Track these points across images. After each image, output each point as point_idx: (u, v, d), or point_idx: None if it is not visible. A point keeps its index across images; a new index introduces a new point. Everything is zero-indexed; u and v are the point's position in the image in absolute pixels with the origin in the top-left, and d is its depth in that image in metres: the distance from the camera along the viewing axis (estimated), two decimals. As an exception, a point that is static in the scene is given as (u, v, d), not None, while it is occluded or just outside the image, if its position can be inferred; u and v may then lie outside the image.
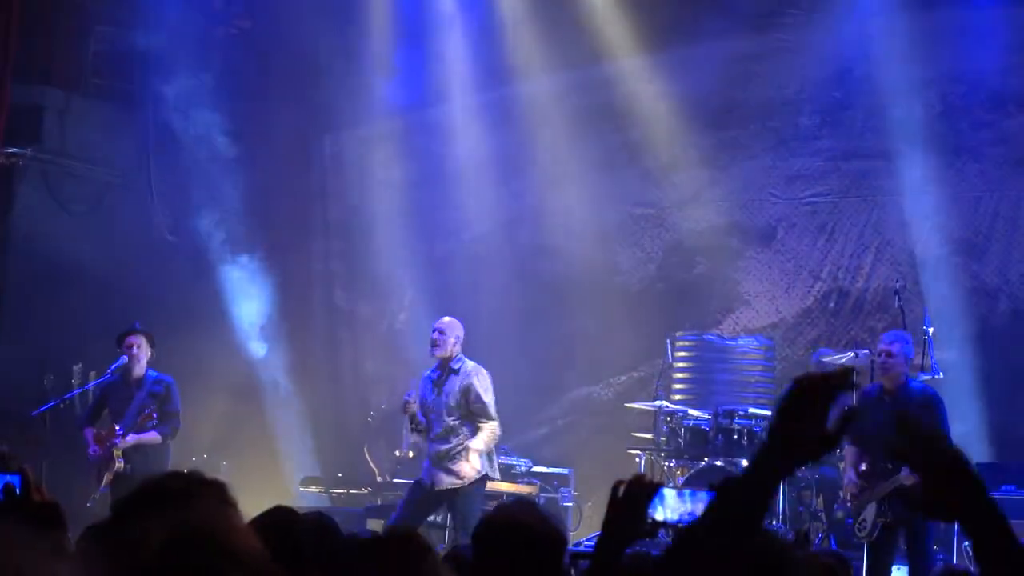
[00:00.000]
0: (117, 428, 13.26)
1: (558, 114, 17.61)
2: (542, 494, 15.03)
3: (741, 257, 17.06)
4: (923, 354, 13.47)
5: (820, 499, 12.42)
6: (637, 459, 14.57)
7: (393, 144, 18.34)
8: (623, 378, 17.29)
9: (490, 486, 14.74)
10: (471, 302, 17.54)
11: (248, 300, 17.52)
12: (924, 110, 16.28)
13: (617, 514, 4.26)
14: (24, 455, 12.59)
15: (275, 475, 16.95)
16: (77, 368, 15.60)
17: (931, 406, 11.49)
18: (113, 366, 13.68)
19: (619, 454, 15.60)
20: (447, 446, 12.47)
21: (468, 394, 12.51)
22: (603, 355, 17.34)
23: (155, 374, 13.61)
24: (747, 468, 2.92)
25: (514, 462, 15.41)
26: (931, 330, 13.59)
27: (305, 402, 17.55)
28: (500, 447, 15.73)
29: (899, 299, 14.33)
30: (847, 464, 11.82)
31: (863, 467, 11.57)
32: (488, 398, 12.55)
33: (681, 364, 16.03)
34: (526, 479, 15.26)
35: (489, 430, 12.60)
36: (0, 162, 15.93)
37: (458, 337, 12.68)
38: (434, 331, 12.68)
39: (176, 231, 17.49)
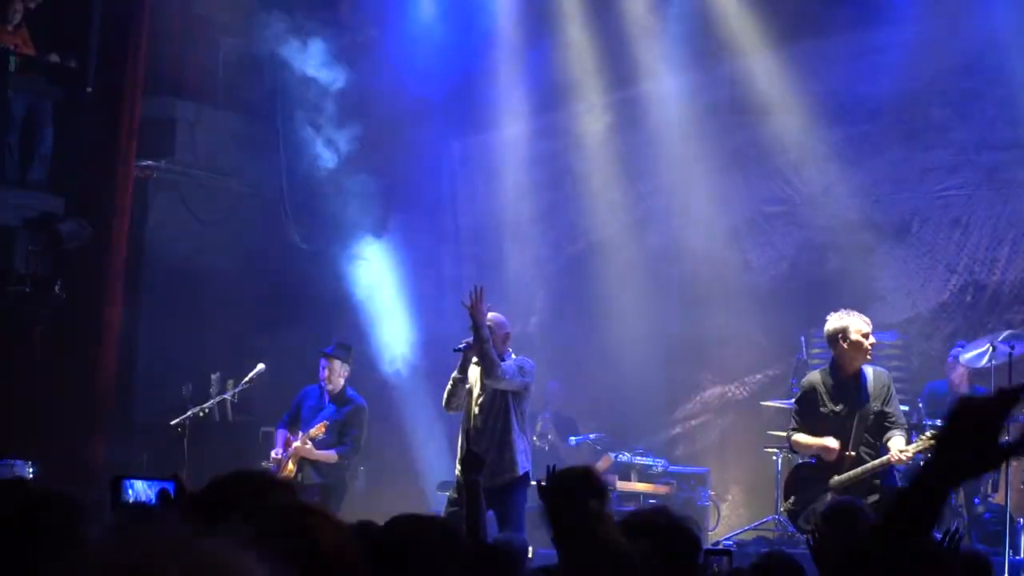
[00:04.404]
0: (300, 433, 13.52)
1: (685, 113, 17.55)
2: (679, 494, 15.00)
3: (875, 252, 16.85)
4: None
5: (960, 494, 12.23)
6: (774, 457, 14.48)
7: (521, 148, 18.38)
8: (758, 376, 17.17)
9: (626, 487, 14.75)
10: (601, 305, 17.55)
11: (382, 304, 17.64)
12: (1057, 98, 16.05)
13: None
14: (164, 465, 12.83)
15: (411, 479, 17.04)
16: (215, 377, 15.74)
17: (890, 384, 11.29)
18: (251, 374, 14.08)
19: (755, 453, 15.54)
20: None
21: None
22: (737, 354, 17.23)
23: (350, 394, 13.85)
24: (914, 481, 2.83)
25: (650, 462, 15.38)
26: None
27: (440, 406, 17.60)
28: (635, 447, 15.75)
29: (1036, 291, 14.14)
30: (801, 452, 11.20)
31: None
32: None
33: (816, 361, 15.88)
34: (662, 479, 15.24)
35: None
36: (135, 175, 16.14)
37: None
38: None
39: (308, 240, 17.64)
